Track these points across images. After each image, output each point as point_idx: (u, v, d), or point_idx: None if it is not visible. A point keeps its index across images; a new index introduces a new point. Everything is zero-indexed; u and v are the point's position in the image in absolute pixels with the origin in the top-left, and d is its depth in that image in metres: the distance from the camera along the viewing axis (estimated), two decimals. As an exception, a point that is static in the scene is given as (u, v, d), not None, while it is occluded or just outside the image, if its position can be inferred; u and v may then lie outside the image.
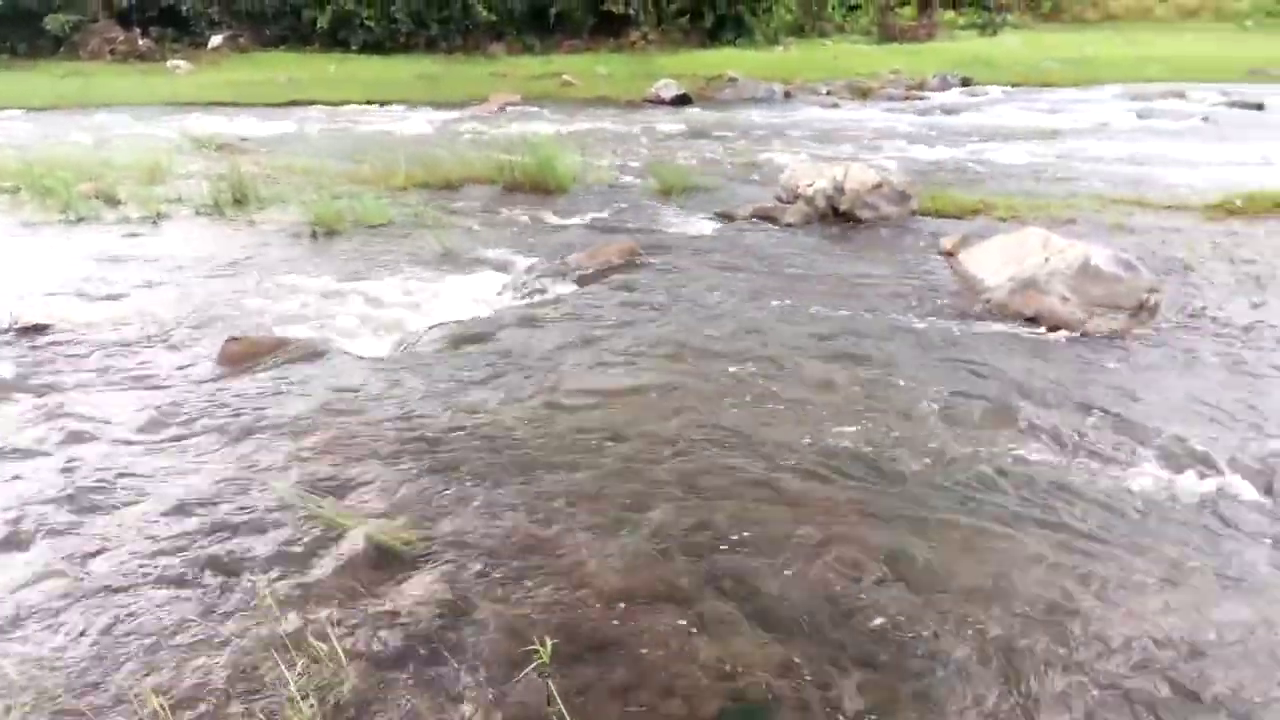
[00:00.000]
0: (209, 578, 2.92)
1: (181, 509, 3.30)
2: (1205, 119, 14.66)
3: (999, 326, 5.10)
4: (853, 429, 3.84)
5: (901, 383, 4.33)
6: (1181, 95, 17.87)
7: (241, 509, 3.30)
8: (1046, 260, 5.33)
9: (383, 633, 2.65)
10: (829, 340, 4.90)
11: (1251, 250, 6.58)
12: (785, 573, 2.91)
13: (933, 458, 3.61)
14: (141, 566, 2.99)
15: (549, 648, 2.51)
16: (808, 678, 2.48)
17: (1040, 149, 11.57)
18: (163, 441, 3.85)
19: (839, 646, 2.60)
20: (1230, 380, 4.39)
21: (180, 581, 2.90)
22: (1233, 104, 16.66)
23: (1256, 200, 7.94)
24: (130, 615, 2.75)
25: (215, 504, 3.33)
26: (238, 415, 4.08)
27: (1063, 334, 4.95)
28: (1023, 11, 38.52)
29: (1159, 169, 10.08)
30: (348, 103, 20.09)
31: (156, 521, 3.23)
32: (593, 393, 4.27)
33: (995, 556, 3.00)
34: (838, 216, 7.72)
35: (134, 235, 7.58)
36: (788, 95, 20.23)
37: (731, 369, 4.52)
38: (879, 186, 7.70)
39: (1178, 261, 6.24)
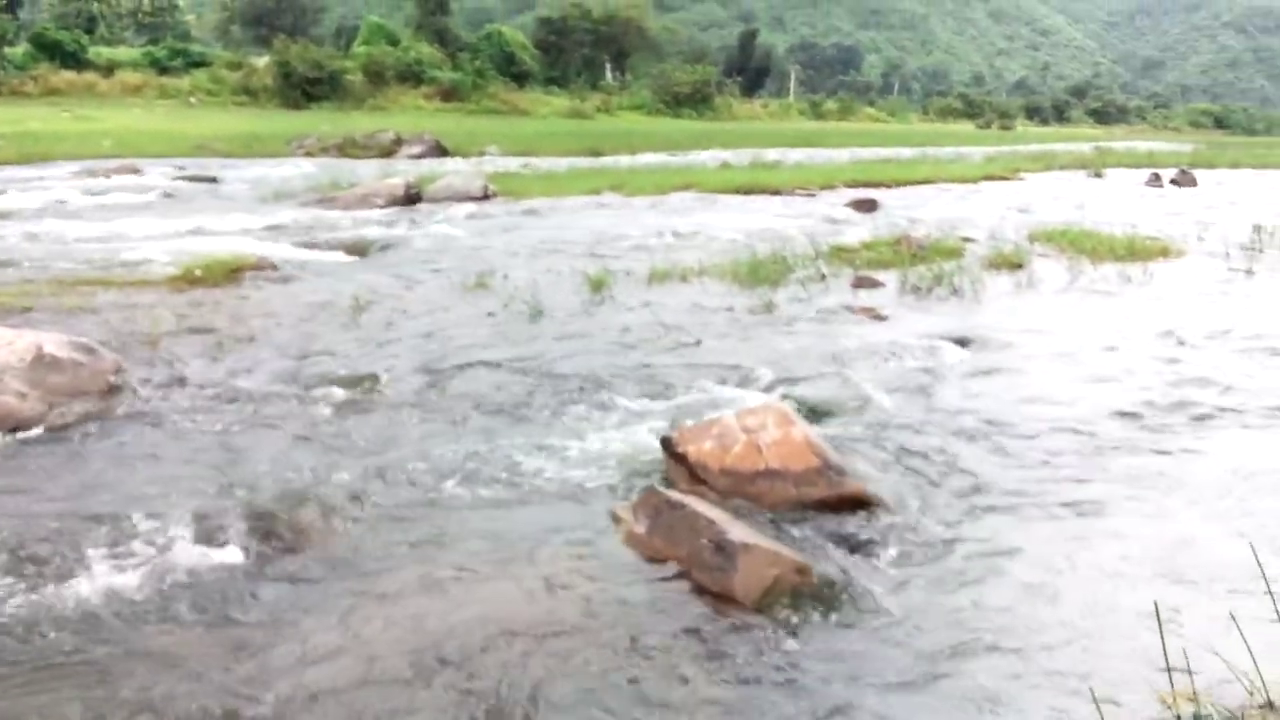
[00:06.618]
0: None
1: None
2: (165, 194, 15.18)
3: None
4: None
5: None
6: (137, 170, 18.24)
7: None
8: None
9: None
10: None
11: (213, 315, 6.97)
12: None
13: None
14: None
15: None
16: None
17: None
18: None
19: None
20: (201, 442, 4.55)
21: None
22: (190, 178, 17.62)
23: (214, 268, 8.45)
24: None
25: None
26: None
27: (24, 433, 4.53)
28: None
29: (124, 245, 10.01)
30: None
31: None
32: None
33: None
34: None
35: None
36: None
37: None
38: None
39: (145, 336, 6.25)
